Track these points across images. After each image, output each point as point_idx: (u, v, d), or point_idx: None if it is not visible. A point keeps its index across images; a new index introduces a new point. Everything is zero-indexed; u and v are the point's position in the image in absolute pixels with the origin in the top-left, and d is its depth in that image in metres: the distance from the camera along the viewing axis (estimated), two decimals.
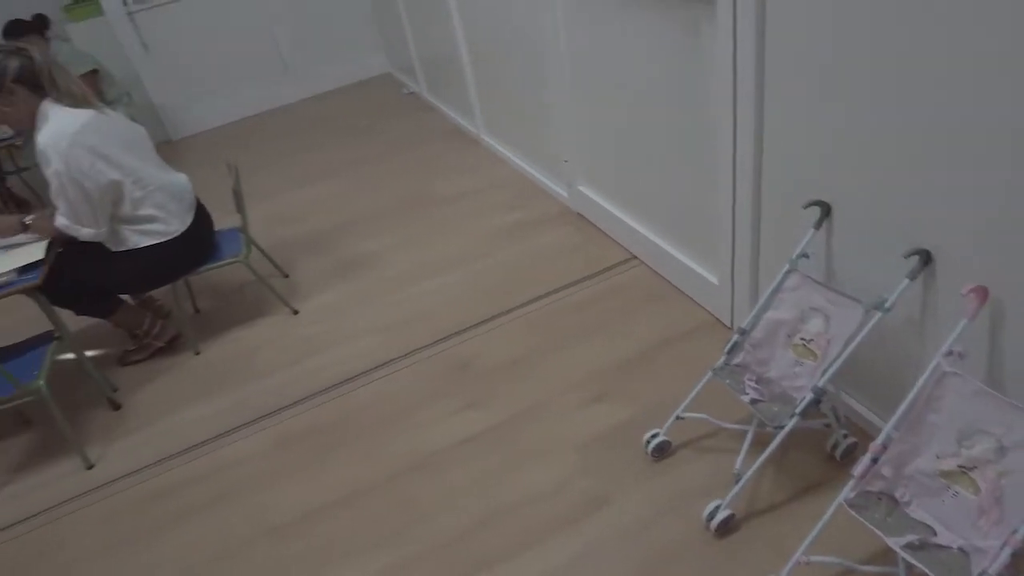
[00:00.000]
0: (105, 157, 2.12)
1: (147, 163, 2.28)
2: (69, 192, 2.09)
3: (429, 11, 3.82)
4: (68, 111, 2.10)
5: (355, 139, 4.32)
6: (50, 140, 2.04)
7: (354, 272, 2.88)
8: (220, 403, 2.30)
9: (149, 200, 2.25)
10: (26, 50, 2.09)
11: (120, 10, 4.74)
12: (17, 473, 2.24)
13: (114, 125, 2.22)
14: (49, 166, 2.05)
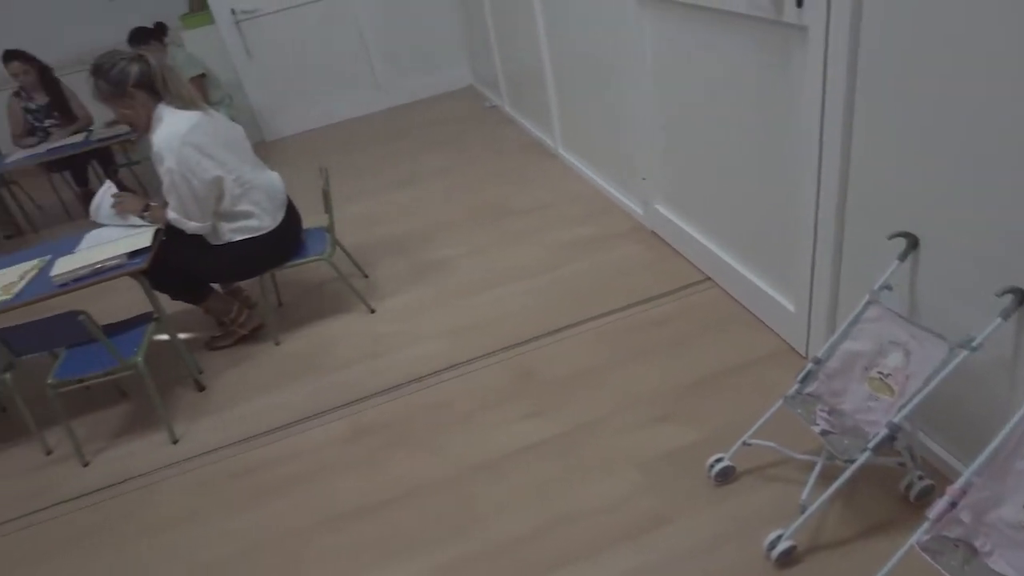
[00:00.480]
0: (211, 156, 2.29)
1: (245, 162, 2.45)
2: (180, 188, 2.26)
3: (516, 27, 3.92)
4: (179, 113, 2.28)
5: (437, 149, 4.45)
6: (164, 140, 2.22)
7: (429, 276, 2.97)
8: (298, 392, 2.42)
9: (246, 197, 2.41)
10: (145, 57, 2.28)
11: (229, 19, 5.07)
12: (111, 440, 2.42)
13: (218, 126, 2.39)
14: (163, 164, 2.23)
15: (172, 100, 2.29)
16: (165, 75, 2.28)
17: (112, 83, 2.20)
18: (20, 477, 2.35)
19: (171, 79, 2.30)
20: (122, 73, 2.21)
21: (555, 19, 3.29)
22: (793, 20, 1.63)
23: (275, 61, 5.25)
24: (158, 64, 2.28)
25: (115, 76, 2.20)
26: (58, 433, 2.48)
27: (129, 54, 2.27)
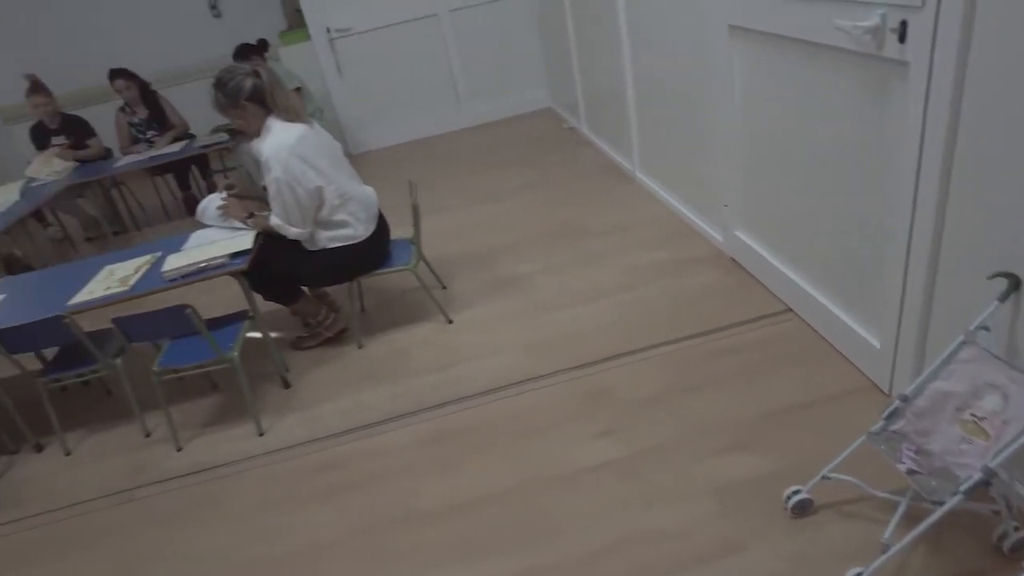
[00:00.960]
0: (314, 167, 2.45)
1: (344, 174, 2.60)
2: (285, 196, 2.42)
3: (599, 51, 3.99)
4: (287, 125, 2.44)
5: (515, 169, 4.56)
6: (272, 151, 2.39)
7: (505, 291, 3.05)
8: (379, 394, 2.52)
9: (344, 208, 2.55)
10: (259, 72, 2.46)
11: (324, 37, 5.35)
12: (202, 428, 2.59)
13: (321, 139, 2.56)
14: (270, 173, 2.39)
15: (280, 113, 2.46)
16: (275, 90, 2.45)
17: (228, 95, 2.40)
18: (123, 455, 2.54)
19: (280, 94, 2.47)
20: (237, 87, 2.40)
21: (641, 43, 3.35)
22: (895, 55, 1.63)
23: (364, 78, 5.49)
24: (269, 80, 2.45)
25: (231, 89, 2.39)
26: (155, 418, 2.67)
27: (245, 69, 2.46)
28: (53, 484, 2.49)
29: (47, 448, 2.69)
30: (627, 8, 3.39)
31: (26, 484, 2.53)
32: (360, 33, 5.39)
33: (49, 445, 2.69)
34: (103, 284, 2.53)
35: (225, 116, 2.47)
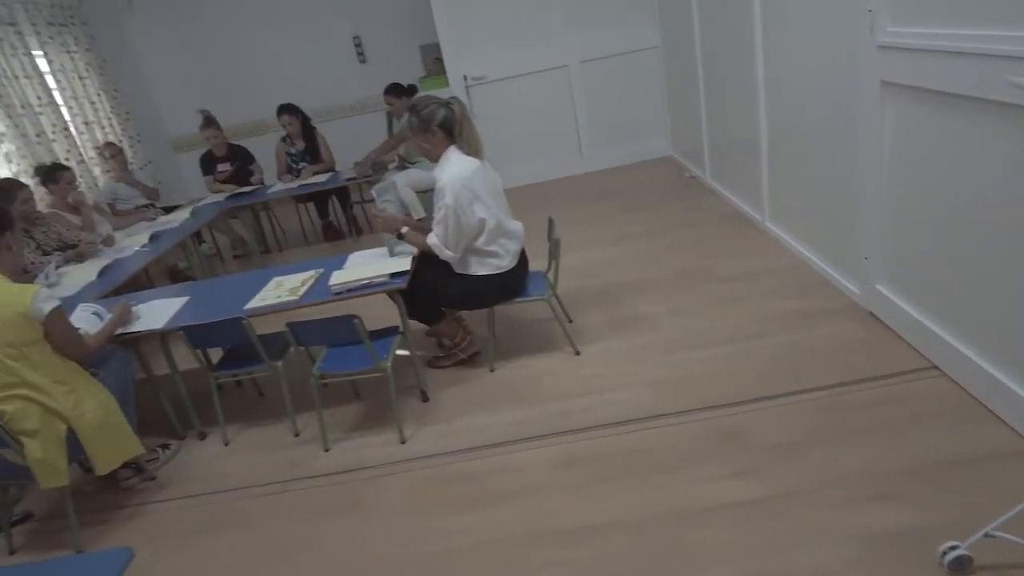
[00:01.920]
0: (482, 200, 2.67)
1: (502, 209, 2.81)
2: (449, 222, 2.64)
3: (732, 100, 4.07)
4: (464, 158, 2.68)
5: (638, 214, 4.66)
6: (449, 180, 2.62)
7: (631, 329, 3.12)
8: (510, 415, 2.65)
9: (497, 239, 2.76)
10: (452, 103, 2.71)
11: (461, 83, 5.71)
12: (347, 432, 2.80)
13: (489, 175, 2.79)
14: (442, 199, 2.62)
15: (462, 145, 2.71)
16: (463, 123, 2.70)
17: (421, 120, 2.67)
18: (275, 450, 2.79)
19: (467, 127, 2.72)
20: (431, 114, 2.67)
21: (779, 94, 3.40)
22: None
23: (494, 122, 5.72)
24: (460, 113, 2.69)
25: (425, 115, 2.66)
26: (303, 420, 2.91)
27: (441, 100, 2.72)
28: (214, 469, 2.76)
29: (209, 437, 2.98)
30: (766, 61, 3.47)
31: (191, 467, 2.82)
32: (493, 81, 5.72)
33: (210, 434, 2.99)
34: (273, 293, 2.82)
35: (414, 138, 2.73)
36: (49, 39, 5.41)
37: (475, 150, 2.74)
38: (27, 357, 2.24)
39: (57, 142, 5.18)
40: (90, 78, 5.81)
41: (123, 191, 5.34)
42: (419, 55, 6.68)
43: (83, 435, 2.36)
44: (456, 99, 2.76)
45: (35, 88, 5.09)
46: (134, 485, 2.73)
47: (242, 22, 6.62)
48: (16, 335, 2.21)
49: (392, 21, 6.61)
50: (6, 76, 4.81)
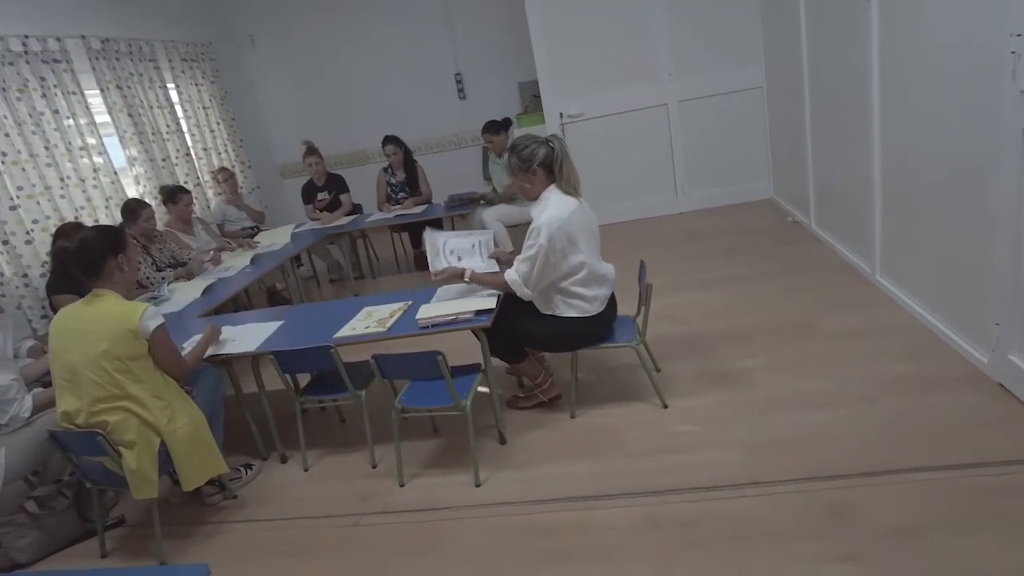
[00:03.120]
0: (575, 244, 2.61)
1: (596, 252, 2.73)
2: (537, 261, 2.58)
3: (842, 138, 3.84)
4: (564, 198, 2.64)
5: (734, 258, 4.46)
6: (546, 220, 2.57)
7: (724, 383, 2.94)
8: (590, 468, 2.53)
9: (588, 283, 2.68)
10: (551, 141, 2.68)
11: (557, 120, 5.72)
12: (423, 469, 2.76)
13: (587, 216, 2.71)
14: (537, 238, 2.57)
15: (562, 184, 2.67)
16: (563, 162, 2.66)
17: (522, 160, 2.65)
18: (351, 481, 2.78)
19: (567, 166, 2.68)
20: (531, 153, 2.64)
21: (897, 137, 3.16)
22: None
23: (589, 159, 5.63)
24: (560, 152, 2.66)
25: (525, 155, 2.64)
26: (380, 451, 2.89)
27: (540, 139, 2.69)
28: (292, 494, 2.79)
29: (290, 460, 3.03)
30: (883, 103, 3.24)
31: (271, 489, 2.86)
32: (591, 119, 5.69)
33: (291, 458, 3.03)
34: (363, 323, 2.85)
35: (513, 177, 2.72)
36: (181, 73, 5.87)
37: (574, 188, 2.70)
38: (131, 371, 2.35)
39: (179, 166, 5.58)
40: (212, 108, 6.25)
41: (232, 213, 5.67)
42: (517, 92, 6.77)
43: (174, 450, 2.44)
44: (556, 137, 2.73)
45: (165, 117, 5.51)
46: (216, 502, 2.80)
47: (351, 57, 6.95)
48: (124, 350, 2.33)
49: (493, 59, 6.75)
50: (143, 106, 5.24)
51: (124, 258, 2.43)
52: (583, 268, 2.65)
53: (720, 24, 5.35)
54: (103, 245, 2.40)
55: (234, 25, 6.93)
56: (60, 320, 2.41)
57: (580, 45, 5.54)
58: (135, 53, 5.27)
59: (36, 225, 4.18)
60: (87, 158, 4.66)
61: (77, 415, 2.37)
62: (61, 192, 4.41)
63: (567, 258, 2.61)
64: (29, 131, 4.24)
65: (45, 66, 4.43)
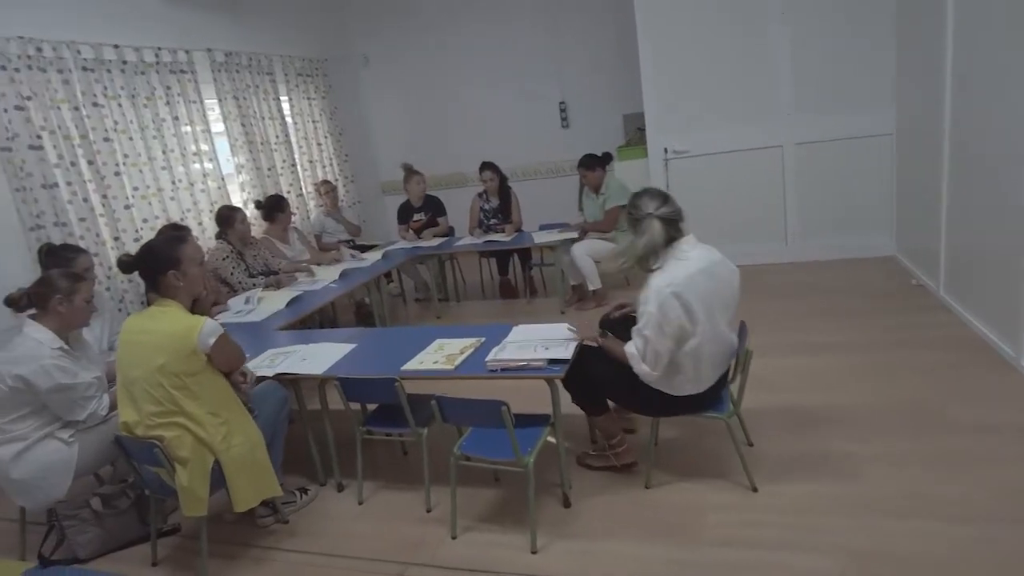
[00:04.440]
0: (691, 313, 2.30)
1: (716, 327, 2.38)
2: (651, 331, 2.30)
3: (987, 195, 3.37)
4: (682, 262, 2.33)
5: (845, 320, 4.02)
6: (656, 285, 2.31)
7: (824, 470, 2.57)
8: (662, 552, 2.25)
9: (691, 364, 2.38)
10: (672, 198, 2.43)
11: (660, 156, 5.44)
12: (477, 521, 2.57)
13: (715, 280, 2.37)
14: (646, 305, 2.31)
15: (683, 241, 2.38)
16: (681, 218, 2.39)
17: (634, 214, 2.43)
18: (404, 524, 2.63)
19: (685, 223, 2.41)
20: (643, 205, 2.40)
21: None
22: None
23: (691, 198, 5.26)
24: (677, 208, 2.40)
25: (638, 210, 2.41)
26: (439, 493, 2.73)
27: (661, 194, 2.43)
28: (343, 528, 2.67)
29: (346, 490, 2.92)
30: None
31: (323, 519, 2.76)
32: (696, 156, 5.40)
33: (347, 487, 2.93)
34: (432, 356, 2.72)
35: (629, 229, 2.48)
36: (295, 87, 6.08)
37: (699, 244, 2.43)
38: (188, 387, 2.32)
39: (283, 176, 5.76)
40: (321, 122, 6.44)
41: (330, 225, 5.77)
42: (621, 124, 6.56)
43: (227, 468, 2.38)
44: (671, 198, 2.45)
45: (275, 128, 5.72)
46: (268, 524, 2.73)
47: (458, 81, 6.99)
48: (181, 366, 2.30)
49: (599, 89, 6.59)
50: (255, 116, 5.45)
51: (179, 273, 2.41)
52: (692, 347, 2.35)
53: (849, 64, 4.93)
54: (159, 260, 2.39)
55: (350, 44, 7.15)
56: (126, 331, 2.42)
57: (692, 79, 5.27)
58: (254, 66, 5.50)
59: (145, 224, 4.39)
60: (198, 163, 4.88)
61: (136, 427, 2.36)
62: (171, 194, 4.62)
63: (684, 330, 2.32)
64: (150, 136, 4.48)
65: (172, 76, 4.68)
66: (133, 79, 4.37)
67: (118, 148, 4.24)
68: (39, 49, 3.78)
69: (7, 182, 3.63)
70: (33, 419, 2.59)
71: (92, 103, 4.09)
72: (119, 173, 4.23)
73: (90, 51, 4.09)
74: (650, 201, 2.40)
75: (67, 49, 3.95)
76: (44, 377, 2.52)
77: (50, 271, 2.72)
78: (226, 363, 2.43)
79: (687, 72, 5.26)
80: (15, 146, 3.62)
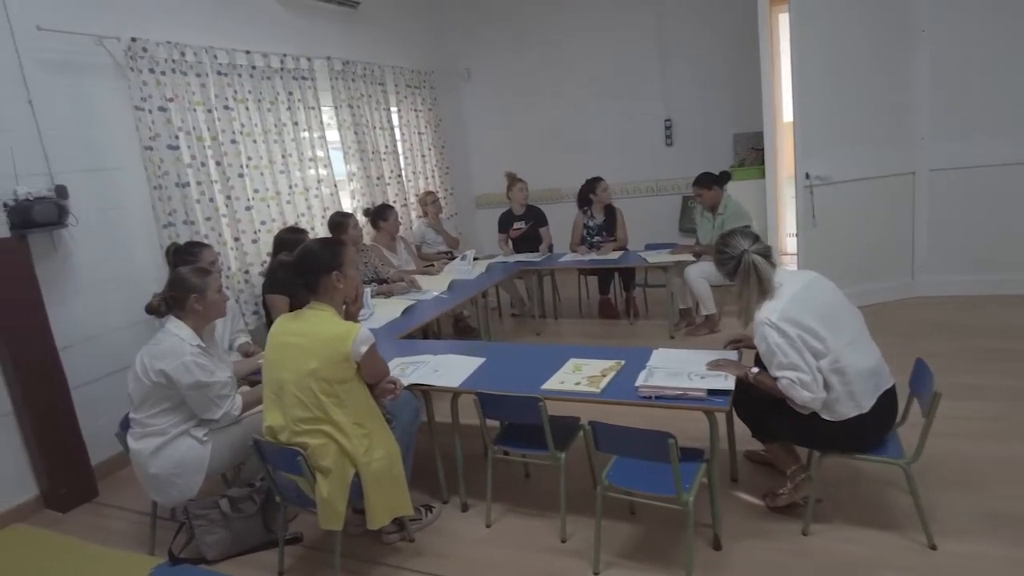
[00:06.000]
0: (812, 331, 2.22)
1: (843, 337, 2.27)
2: (788, 358, 2.20)
3: None
4: (785, 286, 2.28)
5: (1005, 363, 3.65)
6: (763, 316, 2.24)
7: (1013, 531, 2.29)
8: None
9: (835, 383, 2.22)
10: (761, 239, 2.39)
11: (803, 181, 4.82)
12: (619, 558, 2.40)
13: (817, 295, 2.33)
14: (768, 340, 2.22)
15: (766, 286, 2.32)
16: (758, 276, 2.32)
17: (729, 252, 2.37)
18: (537, 554, 2.49)
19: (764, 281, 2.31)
20: (737, 244, 2.37)
21: None
22: None
23: (835, 228, 4.84)
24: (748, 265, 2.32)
25: (734, 249, 2.36)
26: (574, 523, 2.57)
27: (744, 232, 2.42)
28: (471, 553, 2.55)
29: (471, 510, 2.81)
30: None
31: (449, 540, 2.64)
32: (840, 183, 4.81)
33: (473, 507, 2.81)
34: (572, 378, 2.58)
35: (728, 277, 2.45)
36: (404, 98, 6.14)
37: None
38: (337, 395, 2.26)
39: (390, 185, 5.79)
40: (426, 134, 6.47)
41: (430, 236, 5.76)
42: (731, 143, 6.33)
43: (366, 482, 2.30)
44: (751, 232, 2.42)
45: (385, 138, 5.77)
46: (393, 541, 2.64)
47: (560, 95, 6.90)
48: (332, 372, 2.24)
49: (707, 108, 6.37)
50: (367, 125, 5.50)
51: (341, 275, 2.36)
52: (826, 364, 2.22)
53: (996, 87, 4.56)
54: (321, 261, 2.34)
55: (455, 57, 7.19)
56: (278, 333, 2.38)
57: (831, 100, 4.74)
58: (368, 76, 5.57)
59: (263, 226, 4.45)
60: (314, 169, 4.94)
61: (281, 431, 2.30)
62: (288, 198, 4.69)
63: (815, 349, 2.22)
64: (272, 139, 4.56)
65: (294, 82, 4.76)
66: (260, 84, 4.47)
67: (243, 150, 4.33)
68: (183, 54, 3.90)
69: (147, 180, 3.74)
70: (172, 415, 2.60)
71: (223, 106, 4.18)
72: (242, 175, 4.31)
73: (225, 56, 4.20)
74: (742, 239, 2.38)
75: (206, 54, 4.06)
76: (185, 373, 2.52)
77: (179, 270, 2.73)
78: (372, 374, 2.37)
79: (827, 91, 4.74)
80: (156, 145, 3.72)
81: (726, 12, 6.03)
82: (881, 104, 4.79)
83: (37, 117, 3.32)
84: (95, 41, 3.55)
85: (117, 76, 3.65)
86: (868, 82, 4.76)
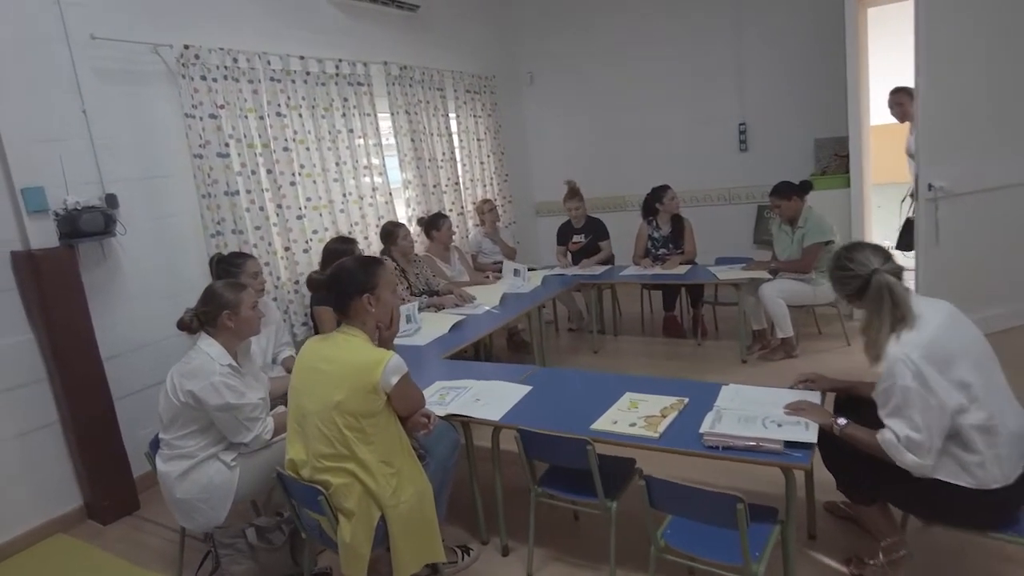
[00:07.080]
0: (952, 365, 1.83)
1: (992, 385, 1.87)
2: (912, 409, 1.81)
3: None
4: (925, 316, 1.87)
5: None
6: (894, 353, 1.84)
7: None
8: None
9: (983, 439, 1.82)
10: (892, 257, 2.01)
11: (926, 193, 4.13)
12: None
13: (965, 332, 1.92)
14: (891, 381, 1.84)
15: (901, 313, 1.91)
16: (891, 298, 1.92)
17: (855, 270, 1.99)
18: None
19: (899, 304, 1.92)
20: (867, 261, 1.99)
21: None
22: None
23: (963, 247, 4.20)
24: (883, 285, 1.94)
25: (863, 267, 1.99)
26: None
27: (874, 247, 2.05)
28: None
29: (511, 554, 2.56)
30: None
31: None
32: (964, 195, 4.14)
33: (514, 551, 2.56)
34: (626, 416, 2.30)
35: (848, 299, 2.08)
36: (463, 104, 5.96)
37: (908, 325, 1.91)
38: (363, 430, 2.05)
39: (447, 194, 5.61)
40: (486, 140, 6.27)
41: (487, 245, 5.56)
42: (812, 149, 5.83)
43: (392, 526, 2.09)
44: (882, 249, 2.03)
45: (443, 145, 5.60)
46: None
47: (627, 97, 6.56)
48: (359, 405, 2.03)
49: (786, 110, 5.91)
50: (424, 132, 5.35)
51: (374, 298, 2.15)
52: (977, 417, 1.80)
53: None
54: (353, 283, 2.14)
55: (517, 61, 6.98)
56: (306, 356, 2.20)
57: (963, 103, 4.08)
58: (426, 81, 5.42)
59: (315, 235, 4.34)
60: (368, 177, 4.81)
61: (303, 466, 2.12)
62: (341, 207, 4.57)
63: (948, 401, 1.80)
64: (326, 147, 4.45)
65: (350, 88, 4.65)
66: (314, 90, 4.37)
67: (295, 158, 4.23)
68: (235, 60, 3.83)
69: (195, 188, 3.68)
70: (200, 437, 2.47)
71: (276, 112, 4.10)
72: (294, 183, 4.21)
73: (278, 62, 4.11)
74: (872, 256, 1.99)
75: (259, 60, 3.98)
76: (213, 394, 2.39)
77: (212, 285, 2.62)
78: (405, 407, 2.15)
79: (960, 94, 4.07)
80: (206, 153, 3.66)
81: (809, 7, 5.57)
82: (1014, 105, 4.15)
83: (91, 126, 3.29)
84: (150, 49, 3.52)
85: (169, 84, 3.61)
86: (1007, 82, 4.16)
